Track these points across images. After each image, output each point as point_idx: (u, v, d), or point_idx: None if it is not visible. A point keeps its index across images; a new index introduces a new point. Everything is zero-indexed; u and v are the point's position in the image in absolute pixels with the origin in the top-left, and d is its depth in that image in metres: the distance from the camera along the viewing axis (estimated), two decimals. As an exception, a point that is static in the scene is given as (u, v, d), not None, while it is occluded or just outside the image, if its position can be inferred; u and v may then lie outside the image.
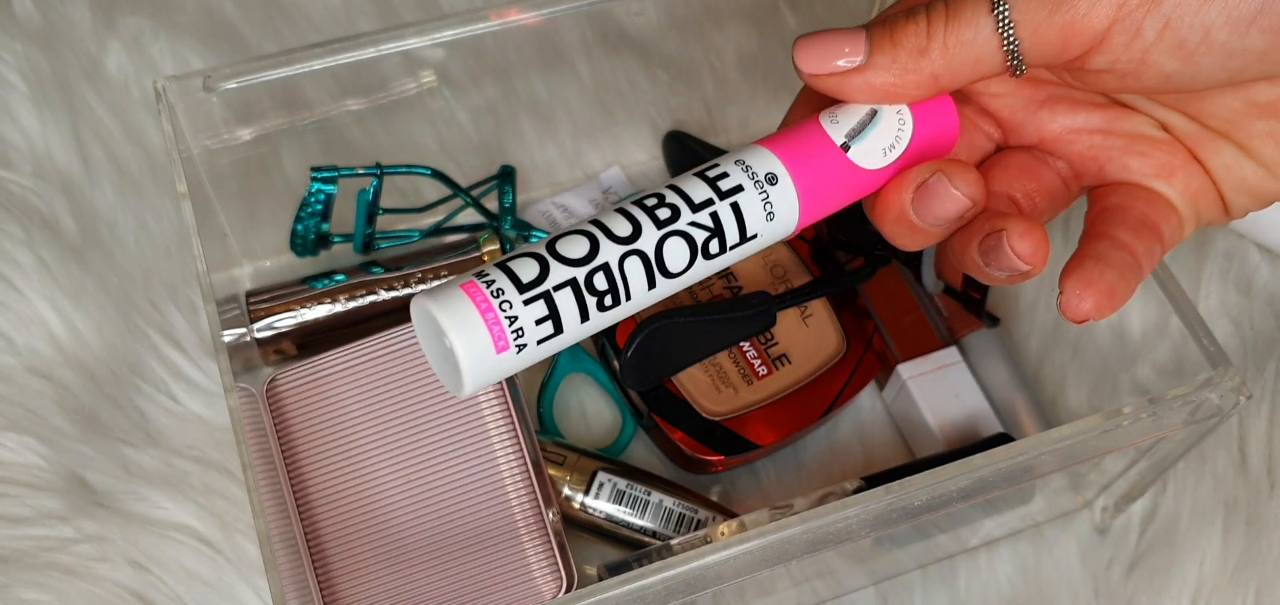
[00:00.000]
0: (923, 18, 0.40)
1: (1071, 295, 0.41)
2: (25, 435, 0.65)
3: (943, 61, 0.40)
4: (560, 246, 0.39)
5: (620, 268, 0.40)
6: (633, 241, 0.40)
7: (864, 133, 0.42)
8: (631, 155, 0.77)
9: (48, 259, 0.70)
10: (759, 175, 0.42)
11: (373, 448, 0.60)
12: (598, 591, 0.47)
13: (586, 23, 0.74)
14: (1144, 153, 0.43)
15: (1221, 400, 0.53)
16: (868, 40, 0.41)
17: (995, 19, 0.39)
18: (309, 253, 0.68)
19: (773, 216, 0.42)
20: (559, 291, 0.39)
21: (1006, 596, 0.65)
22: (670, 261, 0.40)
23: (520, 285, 0.38)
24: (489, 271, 0.39)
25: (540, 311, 0.39)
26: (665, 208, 0.41)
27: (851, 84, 0.41)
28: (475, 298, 0.38)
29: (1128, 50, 0.39)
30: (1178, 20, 0.37)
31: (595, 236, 0.40)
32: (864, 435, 0.69)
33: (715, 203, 0.41)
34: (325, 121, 0.66)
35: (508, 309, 0.38)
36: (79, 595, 0.61)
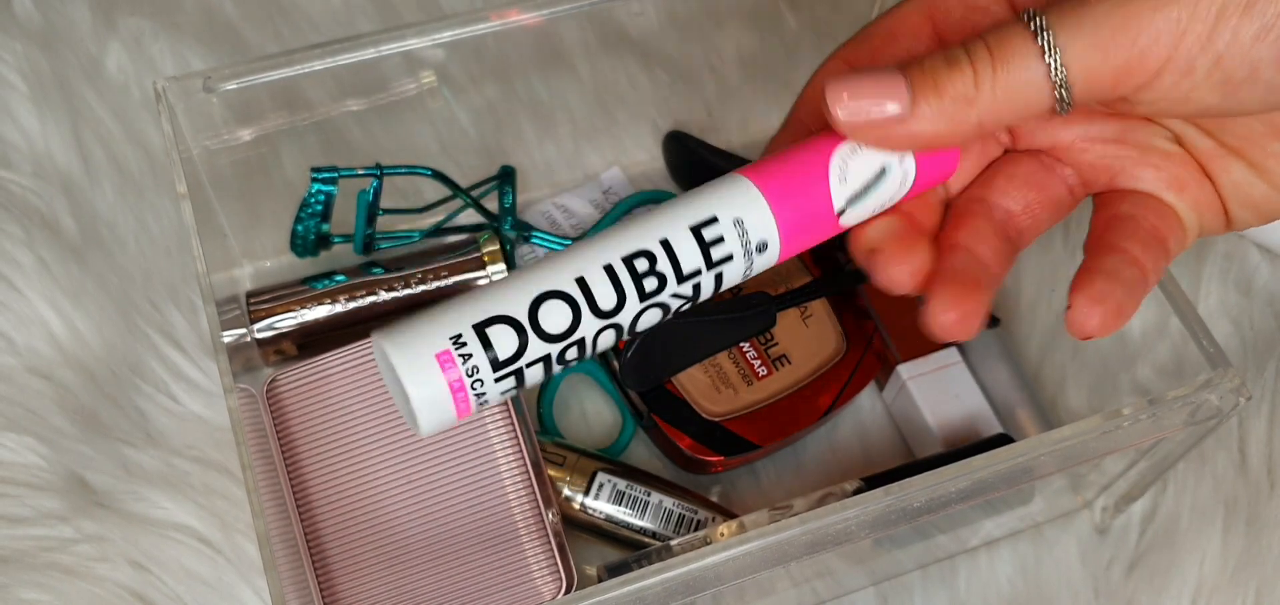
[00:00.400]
0: (967, 64, 0.38)
1: (1079, 311, 0.40)
2: (25, 435, 0.65)
3: (991, 109, 0.38)
4: (542, 318, 0.38)
5: (593, 339, 0.39)
6: (614, 315, 0.39)
7: (866, 193, 0.41)
8: (632, 155, 0.77)
9: (48, 259, 0.70)
10: (752, 245, 0.40)
11: (373, 448, 0.60)
12: (598, 592, 0.46)
13: (587, 23, 0.74)
14: (1157, 166, 0.43)
15: (1221, 401, 0.53)
16: (909, 88, 0.39)
17: (1047, 65, 0.37)
18: (309, 253, 0.68)
19: (749, 274, 0.42)
20: (531, 367, 0.39)
21: (1006, 597, 0.65)
22: (641, 324, 0.40)
23: (496, 364, 0.38)
24: (465, 338, 0.37)
25: (508, 384, 0.39)
26: (653, 276, 0.39)
27: (893, 135, 0.39)
28: (448, 371, 0.37)
29: (1176, 87, 0.38)
30: (1229, 58, 0.37)
31: (579, 308, 0.39)
32: (864, 436, 0.69)
33: (701, 274, 0.40)
34: (325, 122, 0.66)
35: (479, 387, 0.38)
36: (79, 595, 0.61)
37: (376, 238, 0.68)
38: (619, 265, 0.39)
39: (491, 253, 0.68)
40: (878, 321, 0.68)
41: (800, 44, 0.78)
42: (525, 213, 0.74)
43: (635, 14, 0.76)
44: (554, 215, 0.74)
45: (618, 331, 0.40)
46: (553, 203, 0.75)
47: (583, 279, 0.39)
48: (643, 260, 0.39)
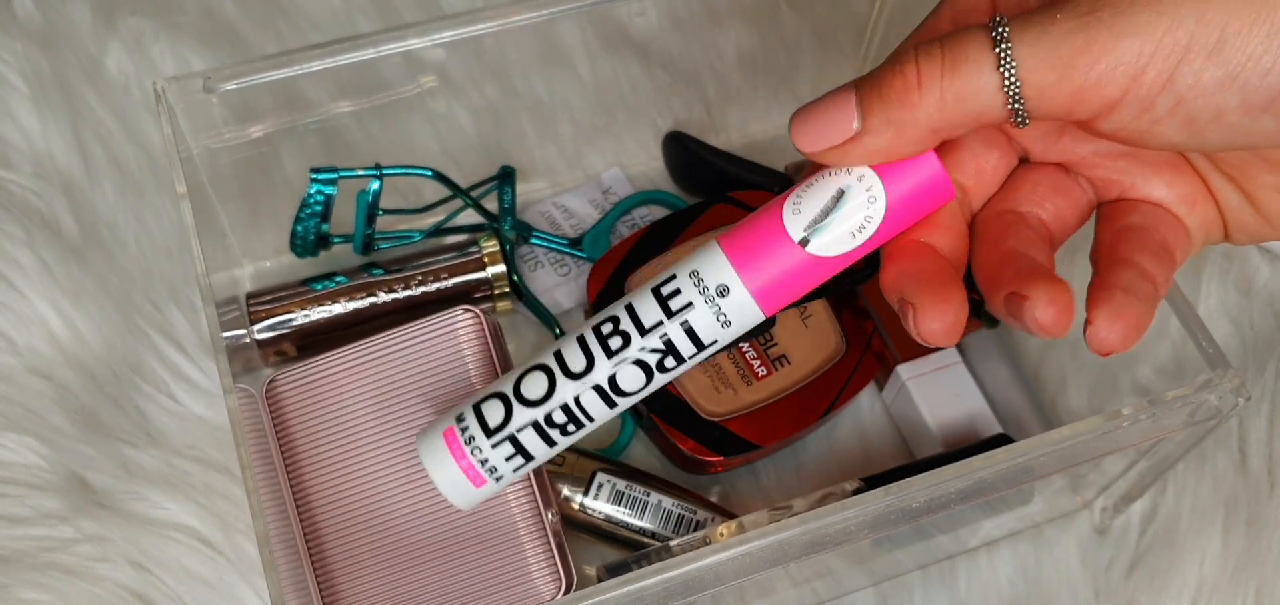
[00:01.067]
0: (912, 68, 0.38)
1: (1100, 327, 0.39)
2: (25, 435, 0.65)
3: (939, 113, 0.38)
4: (523, 387, 0.45)
5: (577, 402, 0.44)
6: (587, 376, 0.44)
7: (826, 220, 0.41)
8: (632, 155, 0.77)
9: (48, 259, 0.70)
10: (710, 289, 0.42)
11: (372, 448, 0.60)
12: (597, 592, 0.47)
13: (587, 23, 0.74)
14: (1168, 182, 0.42)
15: (1221, 402, 0.53)
16: (858, 104, 0.39)
17: (1000, 75, 0.37)
18: (309, 253, 0.68)
19: (728, 325, 0.43)
20: (522, 432, 0.45)
21: (1006, 597, 0.65)
22: (625, 385, 0.44)
23: (488, 430, 0.45)
24: (465, 415, 0.46)
25: (508, 450, 0.45)
26: (618, 336, 0.43)
27: (851, 154, 0.40)
28: (452, 445, 0.46)
29: (1136, 121, 0.37)
30: (1191, 100, 0.36)
31: (553, 374, 0.44)
32: (863, 436, 0.69)
33: (664, 325, 0.43)
34: (325, 122, 0.66)
35: (479, 454, 0.45)
36: (79, 595, 0.61)
37: (376, 238, 0.68)
38: (589, 333, 0.44)
39: (491, 254, 0.68)
40: (877, 322, 0.68)
41: (800, 44, 0.78)
42: (525, 213, 0.74)
43: (635, 14, 0.76)
44: (554, 215, 0.74)
45: (603, 395, 0.44)
46: (553, 203, 0.75)
47: (559, 351, 0.44)
48: (608, 325, 0.43)
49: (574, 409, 0.44)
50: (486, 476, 0.46)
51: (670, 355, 0.43)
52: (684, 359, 0.43)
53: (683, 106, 0.78)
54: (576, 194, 0.75)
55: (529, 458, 0.45)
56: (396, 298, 0.67)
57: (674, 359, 0.43)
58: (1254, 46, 0.35)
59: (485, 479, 0.46)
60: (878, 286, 0.68)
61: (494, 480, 0.46)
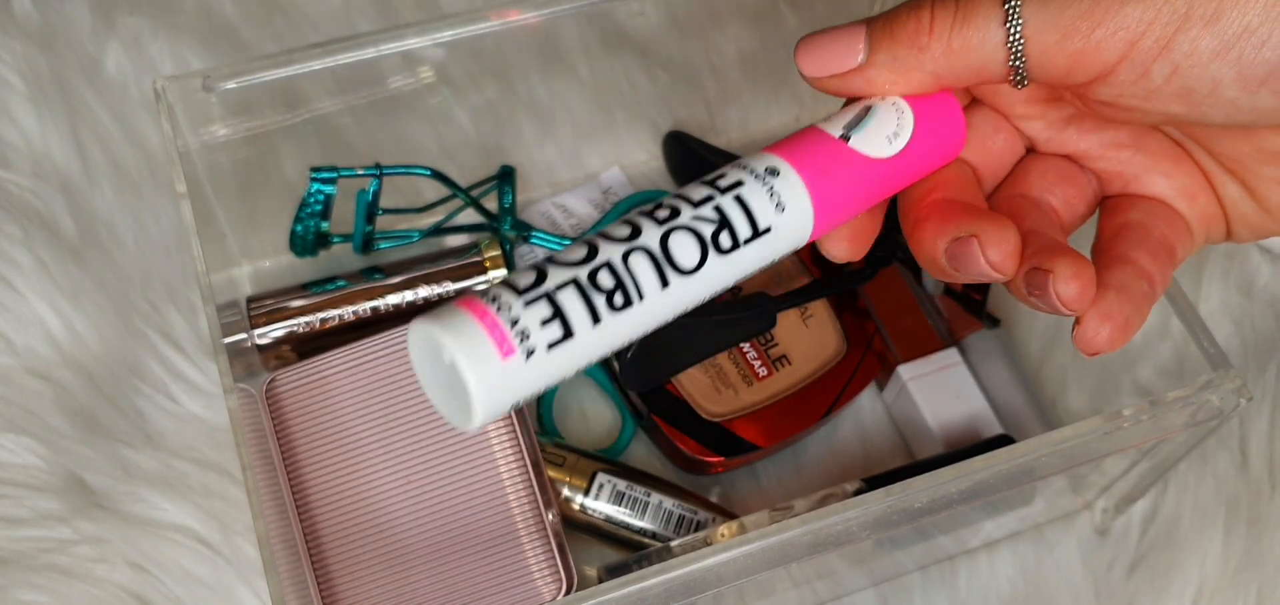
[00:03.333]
0: (926, 12, 0.39)
1: (1089, 327, 0.39)
2: (24, 436, 0.65)
3: (944, 60, 0.39)
4: (557, 256, 0.36)
5: (625, 264, 0.37)
6: (633, 239, 0.37)
7: (863, 122, 0.41)
8: (631, 155, 0.77)
9: (46, 259, 0.70)
10: (758, 169, 0.39)
11: (372, 449, 0.60)
12: (598, 593, 0.46)
13: (586, 23, 0.74)
14: (1169, 174, 0.43)
15: (1222, 402, 0.53)
16: (867, 37, 0.40)
17: (1006, 31, 0.38)
18: (308, 253, 0.68)
19: (782, 208, 0.39)
20: (561, 291, 0.35)
21: (1007, 597, 0.65)
22: (679, 257, 0.37)
23: (518, 290, 0.35)
24: (485, 289, 0.35)
25: (544, 311, 0.35)
26: (664, 208, 0.38)
27: (851, 83, 0.41)
28: (472, 308, 0.35)
29: (1133, 87, 0.38)
30: (1187, 69, 0.36)
31: (593, 241, 0.37)
32: (864, 436, 0.69)
33: (716, 197, 0.39)
34: (325, 121, 0.66)
35: (508, 310, 0.35)
36: (78, 596, 0.61)
37: (376, 237, 0.68)
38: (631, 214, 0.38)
39: (493, 257, 0.68)
40: (878, 322, 0.68)
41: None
42: (525, 212, 0.74)
43: (635, 14, 0.76)
44: (554, 215, 0.74)
45: (652, 260, 0.37)
46: (553, 202, 0.75)
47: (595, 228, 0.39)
48: (648, 206, 0.39)
49: (621, 271, 0.36)
50: (516, 343, 0.34)
51: (725, 230, 0.38)
52: (739, 240, 0.38)
53: (682, 106, 0.78)
54: (576, 194, 0.75)
55: (568, 330, 0.35)
56: (397, 303, 0.67)
57: (729, 236, 0.38)
58: (1251, 18, 0.35)
59: (515, 347, 0.34)
60: (878, 287, 0.69)
61: (526, 354, 0.34)
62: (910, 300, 0.70)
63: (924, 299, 0.70)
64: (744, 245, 0.39)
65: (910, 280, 0.70)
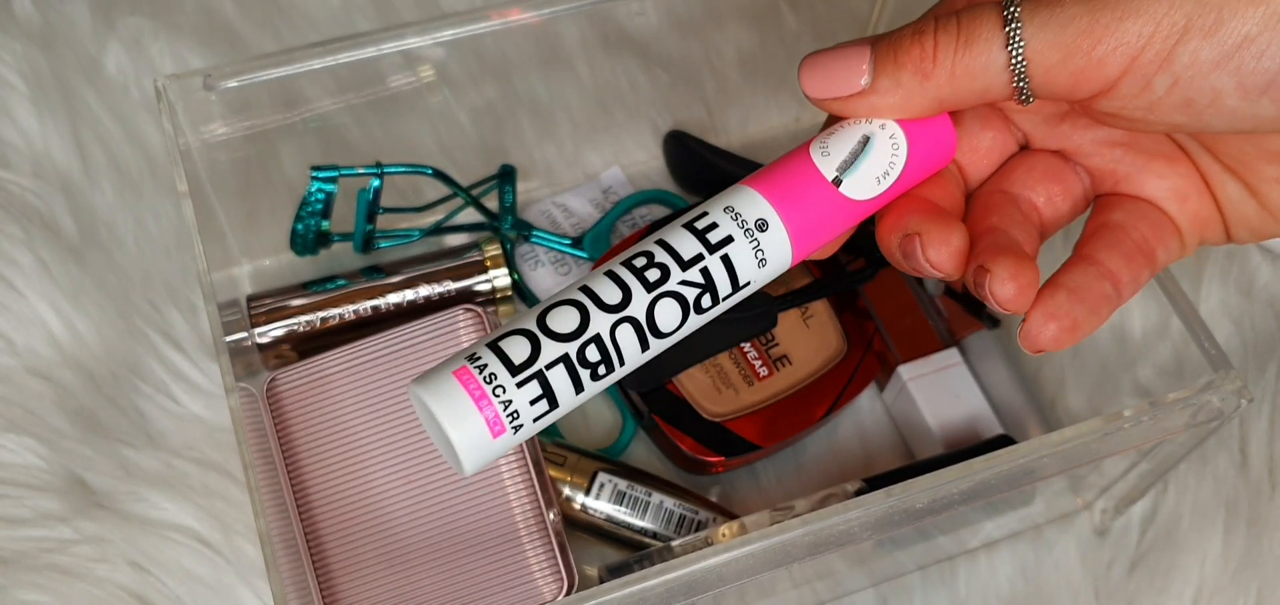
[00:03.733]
0: (929, 37, 0.39)
1: (1033, 324, 0.40)
2: (25, 436, 0.65)
3: (949, 86, 0.39)
4: (550, 320, 0.39)
5: (612, 336, 0.39)
6: (623, 308, 0.39)
7: (856, 163, 0.41)
8: (631, 155, 0.77)
9: (47, 259, 0.70)
10: (749, 223, 0.41)
11: (373, 448, 0.60)
12: (598, 593, 0.46)
13: (587, 23, 0.74)
14: (1161, 174, 0.43)
15: (1222, 403, 0.53)
16: (872, 61, 0.40)
17: (1008, 54, 0.38)
18: (309, 252, 0.68)
19: (764, 263, 0.41)
20: (552, 369, 0.39)
21: (1006, 597, 0.65)
22: (662, 323, 0.40)
23: (512, 368, 0.38)
24: (481, 354, 0.38)
25: (534, 391, 0.38)
26: (654, 268, 0.40)
27: (855, 107, 0.41)
28: (468, 385, 0.38)
29: (1136, 101, 0.38)
30: (1187, 81, 0.37)
31: (585, 307, 0.39)
32: (864, 436, 0.69)
33: (705, 258, 0.40)
34: (325, 121, 0.66)
35: (501, 395, 0.38)
36: (78, 596, 0.61)
37: (376, 236, 0.68)
38: (619, 267, 0.40)
39: (493, 257, 0.68)
40: (878, 322, 0.68)
41: (800, 44, 0.78)
42: (525, 212, 0.74)
43: (635, 14, 0.76)
44: (554, 214, 0.74)
45: (637, 330, 0.40)
46: (553, 202, 0.75)
47: (586, 285, 0.40)
48: (641, 259, 0.40)
49: (608, 344, 0.39)
50: (507, 424, 0.38)
51: (707, 293, 0.40)
52: (719, 299, 0.41)
53: (682, 106, 0.78)
54: (576, 193, 0.75)
55: (554, 404, 0.39)
56: (399, 302, 0.67)
57: (710, 297, 0.41)
58: (1250, 27, 0.35)
59: (506, 427, 0.38)
60: (878, 287, 0.69)
61: (513, 430, 0.39)
62: (910, 300, 0.70)
63: (924, 299, 0.70)
64: (722, 301, 0.41)
65: (910, 280, 0.70)
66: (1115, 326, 0.69)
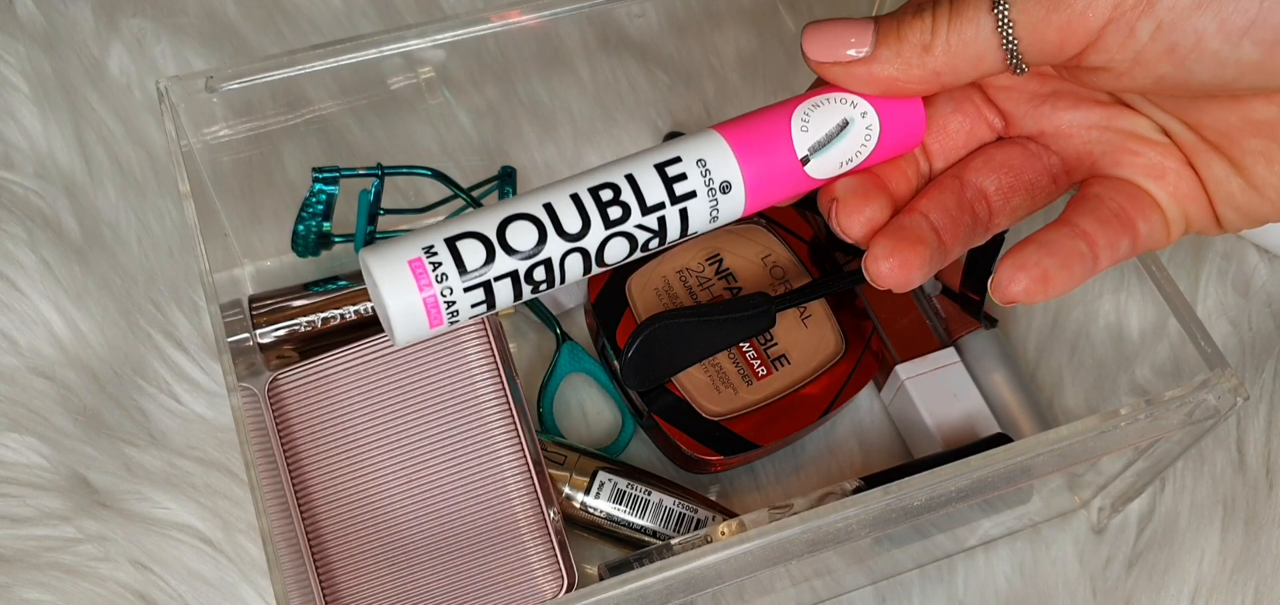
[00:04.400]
0: (928, 15, 0.41)
1: (1002, 274, 0.42)
2: (28, 435, 0.65)
3: (945, 58, 0.41)
4: (509, 234, 0.41)
5: (562, 261, 0.41)
6: (580, 239, 0.41)
7: (829, 145, 0.43)
8: (631, 156, 0.77)
9: (50, 260, 0.70)
10: (715, 184, 0.42)
11: (374, 447, 0.60)
12: (598, 591, 0.47)
13: (587, 24, 0.74)
14: (1136, 152, 0.44)
15: (1218, 401, 0.53)
16: (875, 33, 0.42)
17: (995, 18, 0.39)
18: (310, 253, 0.68)
19: (716, 220, 0.43)
20: (499, 280, 0.41)
21: (1004, 595, 0.65)
22: (609, 256, 0.42)
23: (463, 270, 0.40)
24: (437, 248, 0.40)
25: (477, 296, 0.41)
26: (617, 205, 0.41)
27: (855, 74, 0.42)
28: (418, 278, 0.40)
29: (1122, 49, 0.39)
30: (1171, 24, 0.38)
31: (544, 229, 0.41)
32: (862, 436, 0.69)
33: (666, 208, 0.42)
34: (326, 122, 0.66)
35: (447, 292, 0.40)
36: (81, 595, 0.61)
37: (377, 237, 0.68)
38: (585, 195, 0.41)
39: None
40: (876, 322, 0.69)
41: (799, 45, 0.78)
42: (526, 213, 0.74)
43: (635, 16, 0.76)
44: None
45: (585, 258, 0.42)
46: (553, 203, 0.75)
47: (549, 204, 0.41)
48: (608, 191, 0.42)
49: (555, 267, 0.42)
50: (446, 315, 0.41)
51: (657, 237, 0.43)
52: (666, 242, 0.43)
53: (682, 107, 0.78)
54: (577, 194, 0.75)
55: (491, 306, 0.42)
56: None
57: (658, 241, 0.43)
58: None
59: (443, 318, 0.41)
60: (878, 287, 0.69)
61: (450, 320, 0.41)
62: (908, 300, 0.70)
63: (922, 299, 0.70)
64: (667, 245, 0.43)
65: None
66: (1113, 326, 0.70)
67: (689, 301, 0.67)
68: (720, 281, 0.68)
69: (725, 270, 0.68)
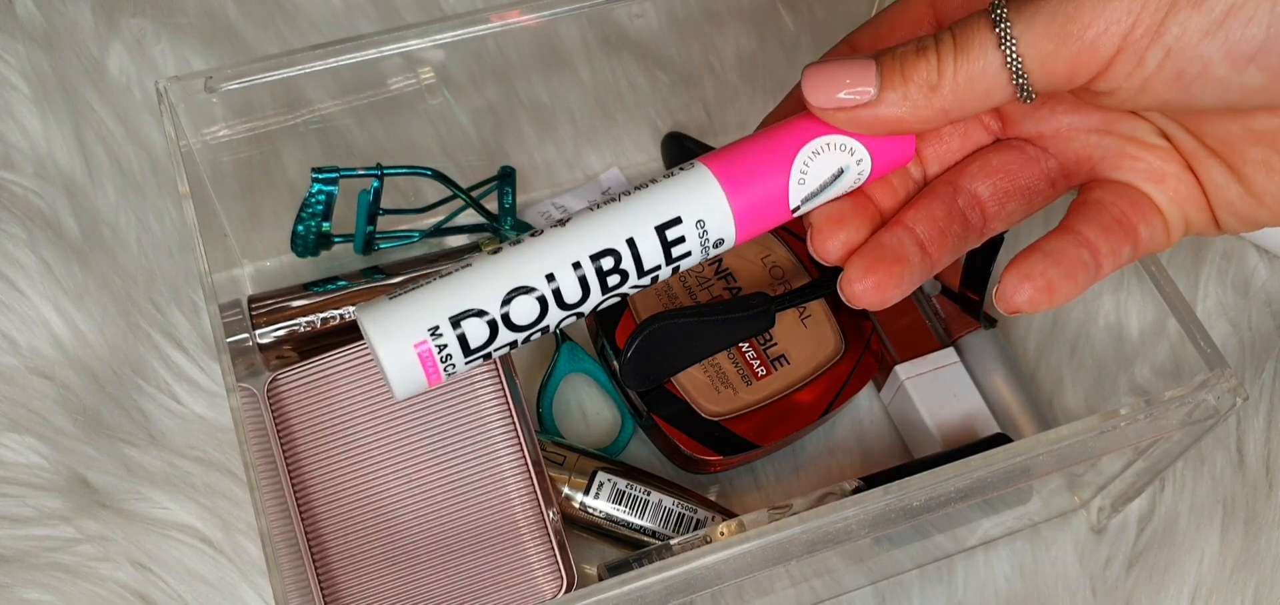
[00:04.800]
0: (932, 52, 0.40)
1: (1008, 284, 0.42)
2: (27, 435, 0.65)
3: (953, 96, 0.40)
4: (513, 313, 0.41)
5: (558, 324, 0.43)
6: (579, 307, 0.42)
7: (822, 193, 0.43)
8: (631, 156, 0.78)
9: (50, 260, 0.70)
10: (711, 243, 0.43)
11: (374, 448, 0.60)
12: (597, 591, 0.47)
13: (587, 24, 0.74)
14: (1136, 157, 0.43)
15: (1218, 401, 0.53)
16: (878, 74, 0.41)
17: (1002, 53, 0.39)
18: (310, 253, 0.68)
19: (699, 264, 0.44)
20: (499, 349, 0.42)
21: (1004, 596, 0.65)
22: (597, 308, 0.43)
23: (468, 350, 0.41)
24: (443, 331, 0.41)
25: (477, 362, 0.42)
26: (617, 273, 0.42)
27: (859, 118, 0.41)
28: (424, 359, 0.41)
29: (1130, 78, 0.38)
30: (1178, 52, 0.37)
31: (547, 303, 0.42)
32: (862, 436, 0.69)
33: (662, 269, 0.43)
34: (326, 122, 0.66)
35: (451, 369, 0.42)
36: (81, 595, 0.61)
37: (377, 237, 0.68)
38: (587, 264, 0.42)
39: (493, 255, 0.68)
40: (876, 322, 0.69)
41: (799, 45, 0.78)
42: (525, 213, 0.74)
43: (635, 16, 0.76)
44: (554, 216, 0.74)
45: (579, 316, 0.43)
46: (553, 203, 0.75)
47: (552, 275, 0.42)
48: (608, 259, 0.42)
49: (551, 325, 0.43)
50: (444, 375, 0.42)
51: (642, 287, 0.43)
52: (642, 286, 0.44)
53: (682, 107, 0.78)
54: (576, 194, 0.75)
55: (487, 359, 0.43)
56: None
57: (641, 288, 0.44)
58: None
59: (441, 377, 0.42)
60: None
61: (447, 377, 0.42)
62: (907, 301, 0.70)
63: (921, 299, 0.70)
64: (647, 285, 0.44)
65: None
66: (1112, 326, 0.70)
67: (688, 302, 0.67)
68: (720, 282, 0.68)
69: (725, 270, 0.68)
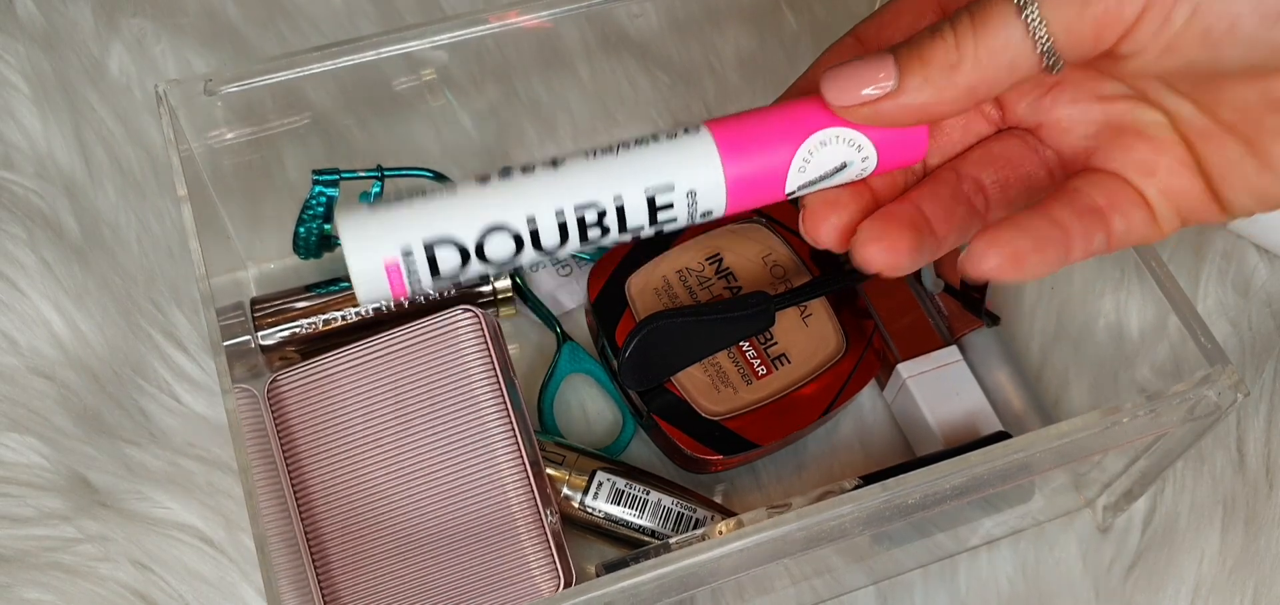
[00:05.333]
0: (949, 32, 0.39)
1: (975, 249, 0.41)
2: (28, 435, 0.65)
3: (976, 73, 0.39)
4: (489, 246, 0.40)
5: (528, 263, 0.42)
6: (552, 251, 0.41)
7: (820, 183, 0.42)
8: (632, 156, 0.77)
9: (50, 260, 0.70)
10: (698, 213, 0.42)
11: (373, 448, 0.60)
12: (594, 587, 0.47)
13: (587, 25, 0.74)
14: (1129, 147, 0.43)
15: (1219, 398, 0.53)
16: (897, 64, 0.40)
17: (1024, 22, 0.38)
18: (312, 255, 0.68)
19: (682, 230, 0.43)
20: (466, 275, 0.41)
21: (1006, 595, 0.65)
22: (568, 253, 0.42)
23: (436, 273, 0.40)
24: (413, 250, 0.40)
25: (442, 283, 0.41)
26: (598, 227, 0.41)
27: (884, 110, 0.40)
28: (393, 279, 0.40)
29: (1156, 37, 0.38)
30: (1206, 8, 0.37)
31: (522, 243, 0.40)
32: (864, 435, 0.69)
33: (643, 228, 0.42)
34: (327, 124, 0.66)
35: (418, 286, 0.40)
36: (81, 595, 0.62)
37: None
38: (570, 214, 0.40)
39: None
40: (878, 320, 0.68)
41: (800, 44, 0.78)
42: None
43: (635, 16, 0.76)
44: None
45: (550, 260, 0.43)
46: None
47: (533, 218, 0.40)
48: (592, 212, 0.41)
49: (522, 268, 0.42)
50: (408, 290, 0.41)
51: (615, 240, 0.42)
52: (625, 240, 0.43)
53: (682, 107, 0.78)
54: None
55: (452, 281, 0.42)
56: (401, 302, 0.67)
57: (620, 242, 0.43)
58: None
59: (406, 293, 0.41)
60: (878, 285, 0.69)
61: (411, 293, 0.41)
62: (910, 298, 0.70)
63: (923, 297, 0.70)
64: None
65: (909, 278, 0.70)
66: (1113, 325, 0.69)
67: (689, 301, 0.66)
68: (720, 281, 0.68)
69: (725, 269, 0.68)
